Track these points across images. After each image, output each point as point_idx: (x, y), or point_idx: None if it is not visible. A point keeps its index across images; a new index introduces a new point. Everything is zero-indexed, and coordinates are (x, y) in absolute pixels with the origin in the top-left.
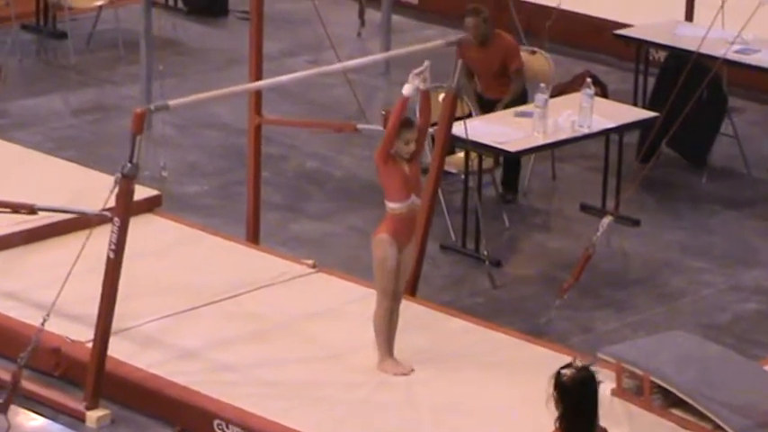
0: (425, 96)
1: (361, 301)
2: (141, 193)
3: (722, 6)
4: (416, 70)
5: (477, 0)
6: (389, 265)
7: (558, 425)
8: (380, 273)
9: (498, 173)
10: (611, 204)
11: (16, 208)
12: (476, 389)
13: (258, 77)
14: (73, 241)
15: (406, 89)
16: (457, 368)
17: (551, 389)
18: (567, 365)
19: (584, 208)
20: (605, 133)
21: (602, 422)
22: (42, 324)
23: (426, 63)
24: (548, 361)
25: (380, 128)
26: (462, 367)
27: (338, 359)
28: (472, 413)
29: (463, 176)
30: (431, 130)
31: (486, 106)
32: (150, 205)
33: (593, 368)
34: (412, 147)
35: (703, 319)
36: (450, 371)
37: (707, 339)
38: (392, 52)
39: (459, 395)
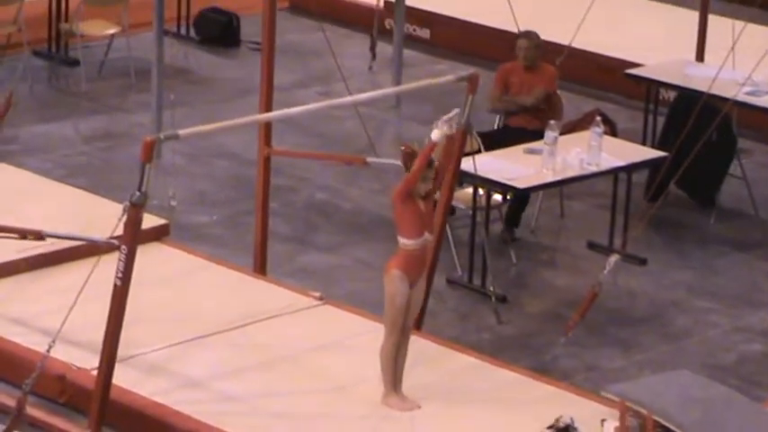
0: (450, 140)
1: (368, 334)
2: (149, 221)
3: (733, 48)
4: (446, 117)
5: (497, 37)
6: (399, 301)
7: None
8: (390, 308)
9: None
10: (618, 242)
11: (24, 234)
12: (480, 426)
13: (269, 108)
14: (80, 268)
15: (435, 135)
16: (461, 404)
17: None
18: (551, 426)
19: (592, 246)
20: (614, 172)
21: None
22: (48, 350)
23: (455, 111)
24: (553, 399)
25: (390, 161)
26: (466, 403)
27: (344, 392)
28: None
29: (471, 212)
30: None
31: (514, 135)
32: (158, 234)
33: (573, 428)
34: (429, 185)
35: (709, 360)
36: (454, 407)
37: (712, 380)
38: (403, 86)
39: (466, 428)
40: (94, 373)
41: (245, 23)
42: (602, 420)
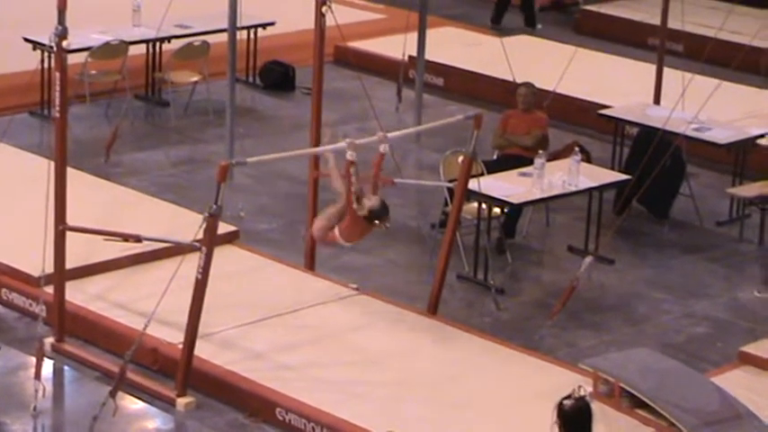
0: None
1: (394, 317)
2: (223, 228)
3: (683, 94)
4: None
5: (497, 84)
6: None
7: None
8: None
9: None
10: (592, 247)
11: (126, 237)
12: (484, 389)
13: (317, 141)
14: (169, 265)
15: (348, 155)
16: (469, 374)
17: (555, 416)
18: (568, 396)
19: (571, 249)
20: (589, 191)
21: None
22: (144, 329)
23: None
24: (540, 369)
25: (412, 182)
26: (473, 373)
27: (373, 363)
28: (482, 408)
29: (476, 222)
30: (450, 184)
31: (510, 162)
32: (230, 238)
33: (588, 398)
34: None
35: (663, 339)
36: (463, 376)
37: (665, 355)
38: (423, 126)
39: (471, 394)
40: (180, 346)
41: (300, 73)
42: (579, 386)
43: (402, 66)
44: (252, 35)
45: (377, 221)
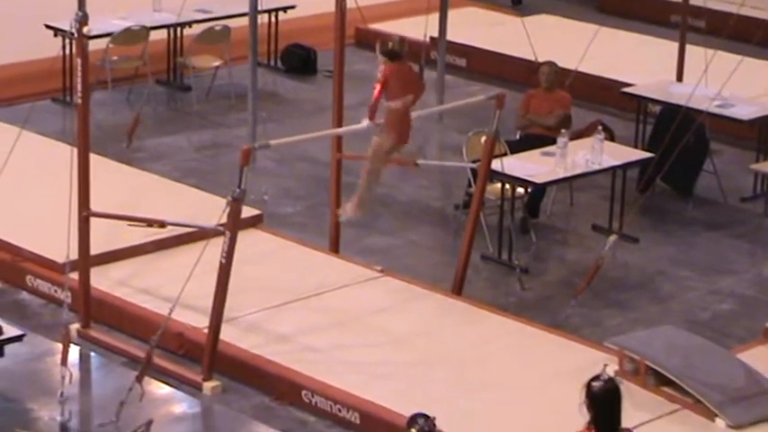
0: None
1: (419, 298)
2: (247, 212)
3: (706, 70)
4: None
5: (519, 64)
6: (376, 151)
7: (588, 426)
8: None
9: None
10: (616, 225)
11: (150, 223)
12: (509, 369)
13: (339, 123)
14: (193, 250)
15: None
16: (495, 353)
17: (583, 396)
18: (597, 377)
19: (595, 228)
20: (612, 169)
21: None
22: (169, 314)
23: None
24: (565, 348)
25: (435, 163)
26: (499, 353)
27: (399, 344)
28: (508, 388)
29: (499, 202)
30: (473, 165)
31: (533, 142)
32: (254, 222)
33: (617, 379)
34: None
35: (688, 317)
36: (489, 356)
37: (691, 332)
38: (445, 105)
39: (497, 374)
40: (205, 330)
41: (321, 56)
42: (605, 365)
43: (424, 47)
44: (273, 19)
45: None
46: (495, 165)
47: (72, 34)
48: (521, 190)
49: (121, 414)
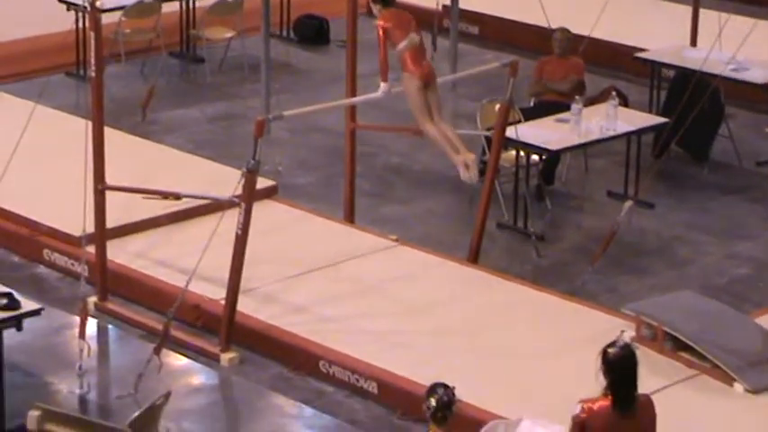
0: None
1: (435, 267)
2: (262, 183)
3: (719, 34)
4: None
5: (532, 31)
6: (413, 92)
7: (605, 392)
8: (411, 100)
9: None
10: (631, 191)
11: (165, 195)
12: (527, 337)
13: (353, 93)
14: (209, 221)
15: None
16: (512, 321)
17: (600, 363)
18: (613, 343)
19: (611, 194)
20: (627, 135)
21: None
22: (186, 285)
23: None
24: (582, 315)
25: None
26: (516, 320)
27: (415, 313)
28: (525, 355)
29: (514, 169)
30: (487, 133)
31: (547, 108)
32: (269, 193)
33: (633, 346)
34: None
35: (705, 282)
36: (506, 324)
37: (708, 297)
38: (459, 73)
39: (514, 342)
40: (222, 302)
41: (334, 26)
42: (622, 331)
43: (436, 15)
44: None
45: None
46: (510, 132)
47: (85, 8)
48: (535, 157)
49: (140, 386)
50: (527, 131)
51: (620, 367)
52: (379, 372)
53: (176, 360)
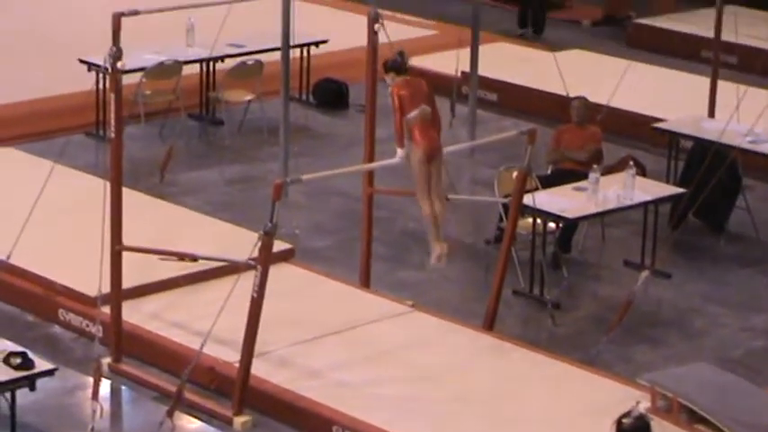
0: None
1: (450, 333)
2: (279, 246)
3: (738, 106)
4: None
5: (550, 99)
6: (417, 166)
7: None
8: (415, 174)
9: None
10: (648, 261)
11: (182, 256)
12: (541, 405)
13: (371, 158)
14: (225, 284)
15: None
16: (527, 389)
17: None
18: (627, 413)
19: (627, 263)
20: (644, 205)
21: None
22: (201, 348)
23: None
24: (597, 385)
25: (466, 197)
26: (530, 388)
27: (431, 379)
28: (539, 424)
29: (531, 237)
30: (505, 200)
31: (564, 177)
32: (286, 256)
33: (647, 417)
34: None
35: (721, 354)
36: (520, 392)
37: (724, 370)
38: (477, 141)
39: (529, 410)
40: (236, 365)
41: (353, 90)
42: (637, 402)
43: (455, 82)
44: (305, 53)
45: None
46: (527, 200)
47: (106, 69)
48: (552, 225)
49: None
50: (544, 199)
51: None
52: None
53: (189, 423)
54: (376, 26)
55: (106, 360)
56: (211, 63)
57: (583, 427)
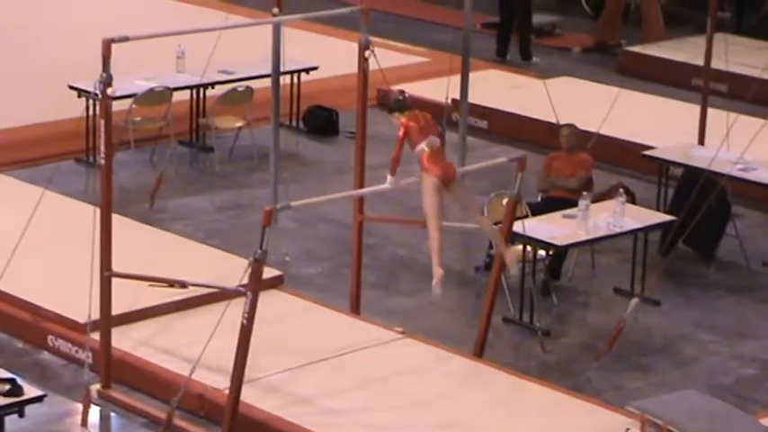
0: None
1: (440, 361)
2: (268, 273)
3: (728, 134)
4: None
5: (540, 126)
6: (430, 192)
7: None
8: (426, 199)
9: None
10: (638, 288)
11: (171, 283)
12: None
13: (361, 184)
14: (215, 310)
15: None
16: (515, 416)
17: None
18: None
19: (617, 291)
20: (634, 232)
21: None
22: (190, 374)
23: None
24: (587, 412)
25: (458, 225)
26: (520, 416)
27: (422, 407)
28: None
29: (521, 264)
30: (495, 227)
31: (554, 204)
32: (275, 283)
33: None
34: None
35: (711, 381)
36: (509, 419)
37: (714, 397)
38: (467, 167)
39: None
40: (226, 392)
41: (343, 117)
42: (627, 429)
43: (445, 109)
44: (295, 80)
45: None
46: (517, 227)
47: (96, 95)
48: (542, 252)
49: None
50: (534, 226)
51: None
52: None
53: None
54: (366, 53)
55: (95, 386)
56: (202, 89)
57: None
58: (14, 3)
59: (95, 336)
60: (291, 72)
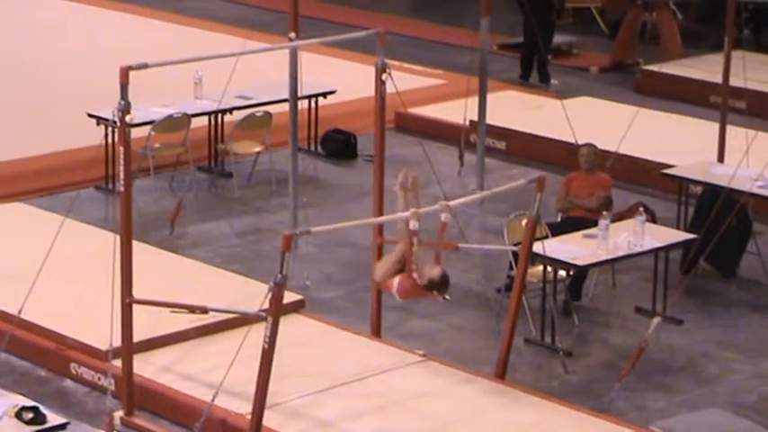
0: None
1: (462, 383)
2: (289, 297)
3: (747, 151)
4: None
5: (559, 147)
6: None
7: None
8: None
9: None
10: (660, 307)
11: (192, 309)
12: None
13: (380, 208)
14: (236, 335)
15: (412, 225)
16: None
17: None
18: None
19: (639, 310)
20: (654, 251)
21: None
22: (212, 400)
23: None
24: None
25: (476, 246)
26: None
27: (443, 429)
28: None
29: (541, 285)
30: (515, 248)
31: (574, 224)
32: (296, 307)
33: None
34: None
35: (734, 400)
36: None
37: (737, 416)
38: (485, 192)
39: None
40: (249, 417)
41: (361, 141)
42: None
43: (463, 130)
44: (313, 104)
45: (435, 292)
46: (537, 247)
47: (114, 123)
48: (563, 273)
49: None
50: (554, 247)
51: None
52: None
53: None
54: (384, 76)
55: (118, 413)
56: (220, 115)
57: None
58: (34, 32)
59: (117, 362)
60: (309, 96)
